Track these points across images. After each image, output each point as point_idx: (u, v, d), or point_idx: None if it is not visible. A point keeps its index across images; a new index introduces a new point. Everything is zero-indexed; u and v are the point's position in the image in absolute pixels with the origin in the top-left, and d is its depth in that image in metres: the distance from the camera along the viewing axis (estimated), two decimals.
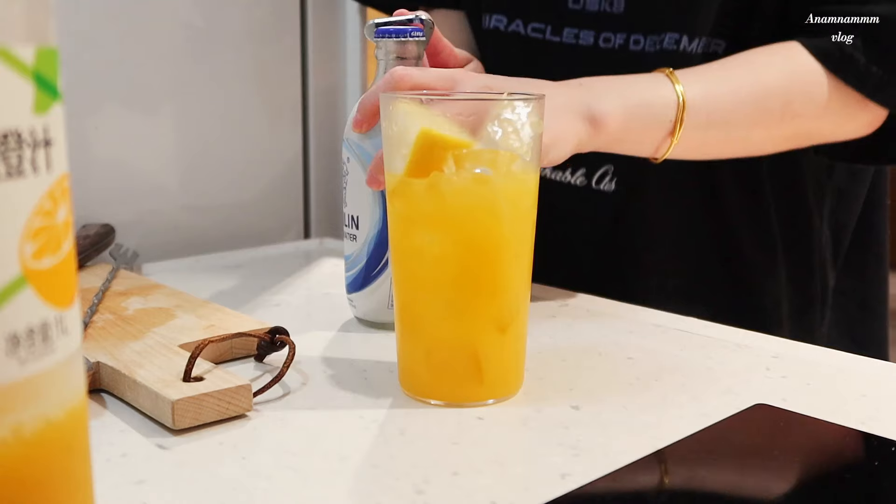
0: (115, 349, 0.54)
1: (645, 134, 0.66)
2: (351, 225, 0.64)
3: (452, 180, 0.47)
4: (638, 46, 0.75)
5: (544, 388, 0.53)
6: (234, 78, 0.95)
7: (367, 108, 0.60)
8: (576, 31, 0.78)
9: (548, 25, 0.79)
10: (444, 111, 0.48)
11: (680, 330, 0.64)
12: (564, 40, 0.78)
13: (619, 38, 0.76)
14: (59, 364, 0.27)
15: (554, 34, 0.79)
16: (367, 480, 0.41)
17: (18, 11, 0.25)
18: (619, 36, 0.76)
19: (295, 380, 0.54)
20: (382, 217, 0.62)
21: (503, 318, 0.50)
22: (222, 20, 0.93)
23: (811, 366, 0.57)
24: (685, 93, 0.66)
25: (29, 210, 0.26)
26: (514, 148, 0.48)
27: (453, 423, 0.47)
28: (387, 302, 0.63)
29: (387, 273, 0.63)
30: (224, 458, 0.43)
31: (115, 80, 0.87)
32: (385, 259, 0.62)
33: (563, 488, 0.40)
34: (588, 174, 0.79)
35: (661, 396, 0.51)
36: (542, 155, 0.51)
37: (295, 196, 1.03)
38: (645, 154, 0.68)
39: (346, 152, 0.63)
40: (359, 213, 0.63)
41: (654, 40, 0.74)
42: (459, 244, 0.49)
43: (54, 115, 0.27)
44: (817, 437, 0.46)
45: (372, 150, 0.61)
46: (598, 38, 0.77)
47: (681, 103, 0.65)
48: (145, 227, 0.90)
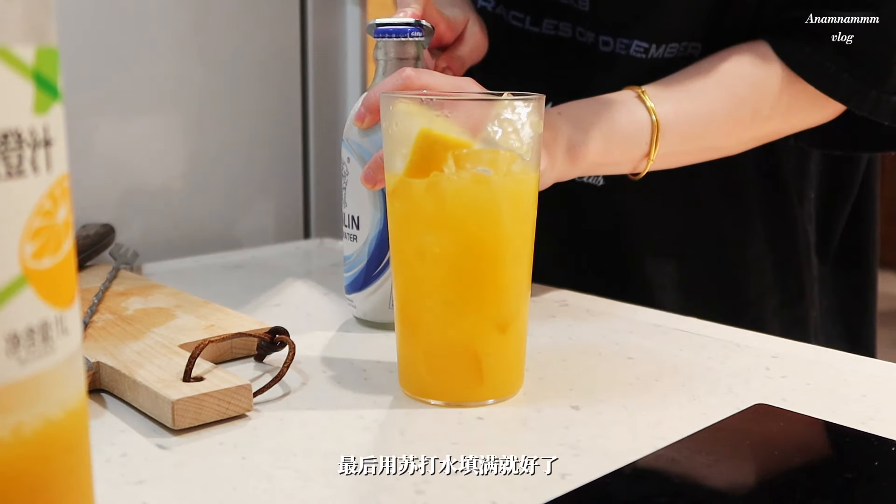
0: (115, 349, 0.54)
1: (622, 158, 0.68)
2: (351, 225, 0.64)
3: (452, 180, 0.47)
4: (608, 48, 0.75)
5: (544, 388, 0.53)
6: (234, 78, 0.95)
7: (372, 103, 0.60)
8: (555, 23, 0.78)
9: (527, 15, 0.79)
10: (444, 111, 0.48)
11: (680, 330, 0.64)
12: (544, 31, 0.79)
13: (590, 35, 0.76)
14: (59, 364, 0.27)
15: (533, 24, 0.79)
16: (367, 480, 0.41)
17: (18, 11, 0.25)
18: (590, 34, 0.76)
19: (295, 380, 0.54)
20: (383, 217, 0.62)
21: (503, 318, 0.50)
22: (223, 20, 0.93)
23: (811, 366, 0.57)
24: (658, 112, 0.67)
25: (29, 210, 0.26)
26: (514, 148, 0.48)
27: (453, 423, 0.47)
28: (387, 302, 0.63)
29: (387, 273, 0.63)
30: (224, 458, 0.43)
31: (115, 80, 0.87)
32: (385, 259, 0.62)
33: (563, 488, 0.40)
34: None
35: (661, 396, 0.51)
36: None
37: (295, 196, 1.03)
38: (623, 173, 0.71)
39: (345, 152, 0.63)
40: (359, 214, 0.63)
41: (623, 44, 0.74)
42: (460, 244, 0.49)
43: (54, 115, 0.27)
44: (817, 437, 0.46)
45: (372, 149, 0.61)
46: (574, 31, 0.77)
47: (655, 125, 0.67)
48: (145, 227, 0.90)
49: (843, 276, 0.86)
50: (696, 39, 0.73)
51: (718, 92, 0.69)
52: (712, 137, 0.71)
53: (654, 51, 0.73)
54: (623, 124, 0.67)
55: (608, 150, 0.66)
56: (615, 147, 0.67)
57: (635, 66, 0.73)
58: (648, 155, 0.68)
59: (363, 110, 0.61)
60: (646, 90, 0.68)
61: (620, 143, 0.67)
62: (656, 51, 0.73)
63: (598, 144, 0.66)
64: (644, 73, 0.72)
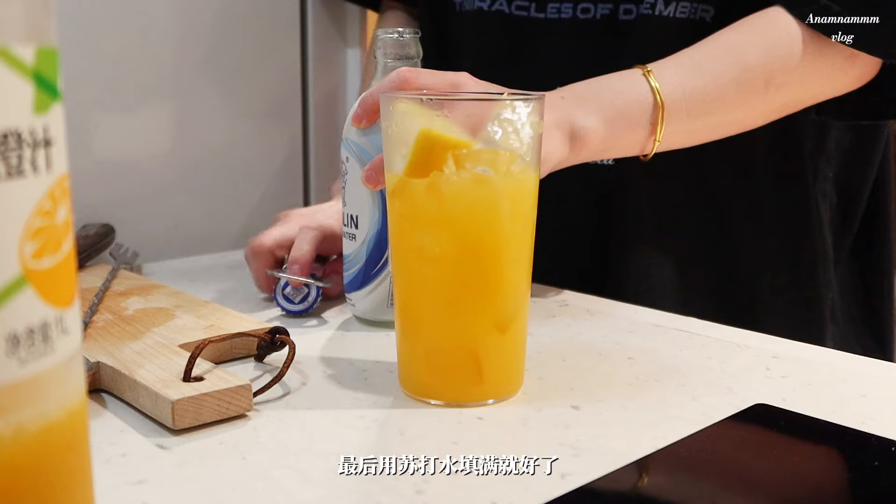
0: (115, 349, 0.54)
1: (627, 141, 0.66)
2: (350, 224, 0.64)
3: (452, 180, 0.47)
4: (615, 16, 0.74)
5: (544, 388, 0.53)
6: (234, 78, 0.95)
7: (369, 105, 0.60)
8: (557, 6, 0.78)
9: (532, 2, 0.79)
10: (444, 111, 0.48)
11: (680, 330, 0.64)
12: (549, 15, 0.78)
13: (599, 8, 0.75)
14: (59, 364, 0.27)
15: (538, 11, 0.79)
16: (367, 480, 0.41)
17: (18, 11, 0.25)
18: (600, 7, 0.75)
19: (295, 380, 0.54)
20: (382, 217, 0.62)
21: (503, 318, 0.50)
22: (223, 20, 0.93)
23: (811, 366, 0.57)
24: (662, 91, 0.65)
25: (29, 210, 0.26)
26: (514, 148, 0.48)
27: (453, 423, 0.47)
28: (386, 300, 0.63)
29: (386, 272, 0.63)
30: (224, 458, 0.43)
31: (116, 80, 0.87)
32: (384, 258, 0.62)
33: (563, 488, 0.40)
34: None
35: (661, 396, 0.51)
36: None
37: (295, 196, 1.03)
38: (631, 155, 0.69)
39: (344, 152, 0.64)
40: (358, 213, 0.63)
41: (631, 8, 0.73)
42: (459, 244, 0.49)
43: (54, 115, 0.27)
44: (817, 437, 0.46)
45: (370, 149, 0.61)
46: (576, 9, 0.77)
47: (659, 103, 0.65)
48: (145, 227, 0.90)
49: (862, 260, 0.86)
50: (709, 3, 0.72)
51: (727, 62, 0.67)
52: (723, 111, 0.68)
53: (663, 7, 0.72)
54: (626, 104, 0.65)
55: (611, 133, 0.65)
56: (618, 130, 0.65)
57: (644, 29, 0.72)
58: (654, 135, 0.66)
59: (360, 111, 0.61)
60: (652, 69, 0.66)
61: (624, 125, 0.65)
62: (664, 8, 0.72)
63: (600, 129, 0.64)
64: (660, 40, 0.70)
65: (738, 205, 0.80)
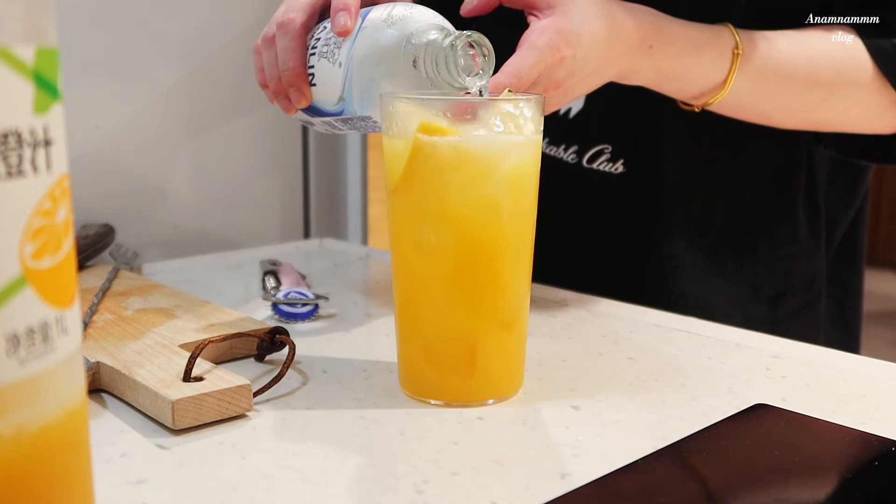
0: (115, 349, 0.54)
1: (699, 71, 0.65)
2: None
3: (461, 142, 0.47)
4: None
5: (544, 388, 0.53)
6: (234, 78, 0.95)
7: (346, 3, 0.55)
8: None
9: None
10: (444, 111, 0.48)
11: (680, 330, 0.64)
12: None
13: None
14: (59, 364, 0.27)
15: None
16: (367, 480, 0.41)
17: (18, 11, 0.25)
18: None
19: (295, 380, 0.54)
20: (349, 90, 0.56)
21: (503, 316, 0.50)
22: (223, 20, 0.93)
23: (811, 366, 0.57)
24: (743, 46, 0.65)
25: (29, 210, 0.26)
26: (516, 143, 0.48)
27: (453, 423, 0.47)
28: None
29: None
30: (224, 458, 0.43)
31: (116, 80, 0.87)
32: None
33: (563, 488, 0.40)
34: (580, 151, 0.77)
35: (661, 396, 0.51)
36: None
37: (295, 196, 1.03)
38: (687, 96, 0.67)
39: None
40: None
41: None
42: (460, 240, 0.49)
43: (54, 115, 0.27)
44: (817, 437, 0.46)
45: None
46: None
47: (737, 53, 0.65)
48: (145, 227, 0.90)
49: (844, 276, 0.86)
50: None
51: (802, 64, 0.67)
52: (778, 100, 0.68)
53: None
54: (708, 39, 0.64)
55: (685, 50, 0.63)
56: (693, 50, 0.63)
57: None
58: (725, 82, 0.65)
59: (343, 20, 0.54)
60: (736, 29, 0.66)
61: (700, 48, 0.64)
62: None
63: (679, 34, 0.62)
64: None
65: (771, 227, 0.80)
